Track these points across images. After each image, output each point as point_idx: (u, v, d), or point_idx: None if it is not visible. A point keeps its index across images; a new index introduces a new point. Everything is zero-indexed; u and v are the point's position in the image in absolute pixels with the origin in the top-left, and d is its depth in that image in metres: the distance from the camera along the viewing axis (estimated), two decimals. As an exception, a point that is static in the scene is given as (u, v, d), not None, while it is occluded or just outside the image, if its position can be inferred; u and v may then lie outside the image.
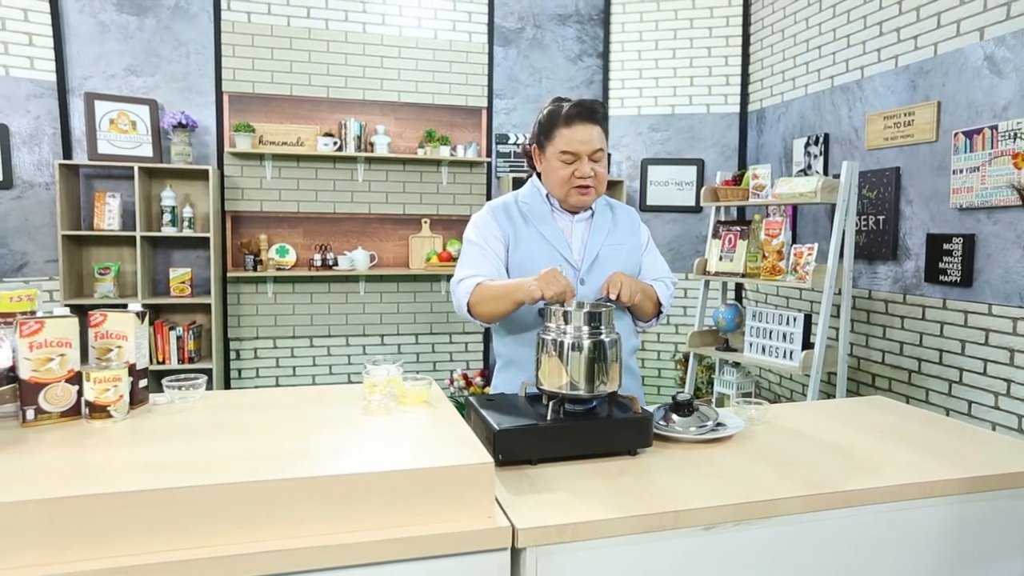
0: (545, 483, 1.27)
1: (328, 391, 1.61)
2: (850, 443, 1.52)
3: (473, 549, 1.08)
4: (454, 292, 1.78)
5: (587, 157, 1.73)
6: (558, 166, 1.75)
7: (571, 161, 1.73)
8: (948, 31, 3.00)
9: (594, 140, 1.73)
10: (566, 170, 1.74)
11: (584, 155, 1.73)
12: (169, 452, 1.14)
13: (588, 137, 1.72)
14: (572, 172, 1.74)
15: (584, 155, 1.73)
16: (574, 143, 1.72)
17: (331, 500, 1.04)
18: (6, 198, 3.83)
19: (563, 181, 1.75)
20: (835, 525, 1.24)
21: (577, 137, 1.72)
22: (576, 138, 1.72)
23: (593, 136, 1.73)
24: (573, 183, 1.74)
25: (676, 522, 1.15)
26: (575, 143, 1.72)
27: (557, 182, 1.76)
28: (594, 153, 1.74)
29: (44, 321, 1.29)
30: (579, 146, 1.72)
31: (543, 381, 1.47)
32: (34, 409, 1.28)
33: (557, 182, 1.76)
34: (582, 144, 1.72)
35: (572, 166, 1.74)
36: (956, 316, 2.98)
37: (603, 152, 1.76)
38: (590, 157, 1.73)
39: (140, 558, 0.96)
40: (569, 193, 1.76)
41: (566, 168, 1.74)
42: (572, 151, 1.72)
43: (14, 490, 0.97)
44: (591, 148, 1.73)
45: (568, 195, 1.77)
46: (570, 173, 1.74)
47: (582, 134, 1.72)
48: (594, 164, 1.74)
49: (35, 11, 3.82)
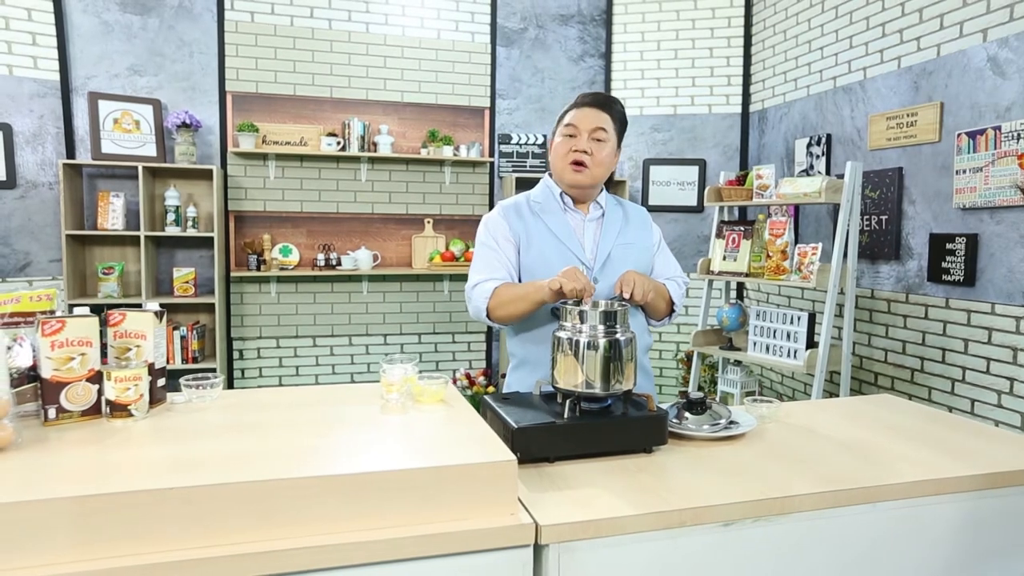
0: (564, 480, 1.28)
1: (343, 390, 1.62)
2: (862, 440, 1.54)
3: (497, 546, 1.09)
4: (470, 297, 1.79)
5: (587, 134, 1.76)
6: (560, 142, 1.80)
7: (571, 135, 1.78)
8: (951, 32, 3.02)
9: (598, 120, 1.78)
10: (565, 145, 1.78)
11: (584, 131, 1.76)
12: (193, 450, 1.15)
13: (592, 116, 1.77)
14: (570, 147, 1.77)
15: (584, 131, 1.76)
16: (577, 119, 1.78)
17: (359, 497, 1.05)
18: (9, 198, 3.83)
19: (561, 155, 1.79)
20: (851, 521, 1.26)
21: (583, 114, 1.78)
22: (580, 115, 1.78)
23: (597, 117, 1.78)
24: (569, 157, 1.77)
25: (696, 519, 1.17)
26: (578, 119, 1.78)
27: (556, 158, 1.81)
28: (594, 131, 1.77)
29: (65, 320, 1.29)
30: (580, 121, 1.77)
31: (559, 380, 1.48)
32: (55, 408, 1.29)
33: (556, 158, 1.81)
34: (584, 120, 1.77)
35: (571, 140, 1.77)
36: (959, 315, 3.00)
37: (605, 134, 1.78)
38: (590, 135, 1.76)
39: (170, 555, 0.97)
40: (564, 169, 1.79)
41: (566, 143, 1.78)
42: (573, 124, 1.77)
43: (43, 488, 0.98)
44: (591, 125, 1.77)
45: (564, 171, 1.79)
46: (568, 147, 1.78)
47: (588, 113, 1.78)
48: (593, 143, 1.77)
49: (39, 10, 3.82)
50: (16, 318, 1.36)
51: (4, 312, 1.35)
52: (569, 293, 1.55)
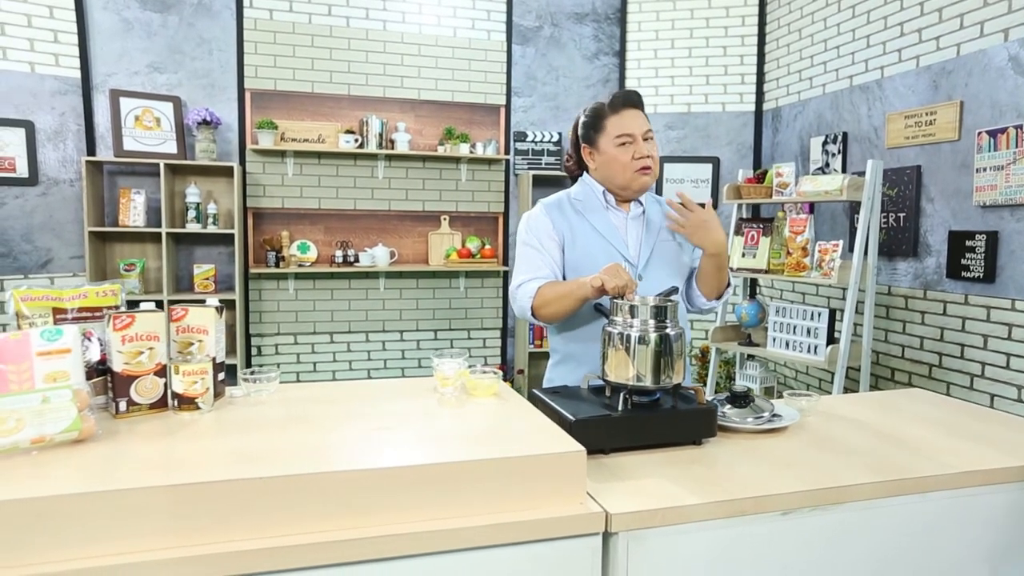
0: (622, 471, 1.32)
1: (393, 384, 1.65)
2: (903, 432, 1.57)
3: (569, 534, 1.12)
4: (514, 297, 1.81)
5: (640, 137, 1.78)
6: (617, 152, 1.78)
7: (628, 142, 1.78)
8: (971, 32, 3.05)
9: (644, 122, 1.80)
10: (626, 153, 1.78)
11: (639, 136, 1.78)
12: (266, 441, 1.18)
13: (637, 118, 1.79)
14: (632, 154, 1.78)
15: (639, 136, 1.78)
16: (628, 126, 1.78)
17: (439, 487, 1.08)
18: (32, 194, 3.85)
19: (625, 165, 1.78)
20: (902, 510, 1.29)
21: (628, 119, 1.78)
22: (627, 121, 1.78)
23: (640, 118, 1.80)
24: (634, 165, 1.78)
25: (757, 507, 1.20)
26: (629, 125, 1.78)
27: (619, 168, 1.79)
28: (646, 133, 1.79)
29: (135, 315, 1.32)
30: (633, 127, 1.78)
31: (609, 373, 1.51)
32: (126, 401, 1.32)
33: (619, 168, 1.79)
34: (634, 124, 1.78)
35: (631, 148, 1.78)
36: (978, 311, 3.04)
37: (652, 134, 1.82)
38: (643, 137, 1.79)
39: (260, 542, 1.00)
40: (633, 178, 1.79)
41: (625, 151, 1.78)
42: (627, 132, 1.77)
43: (135, 477, 1.01)
44: (643, 128, 1.79)
45: (632, 179, 1.79)
46: (630, 155, 1.78)
47: (632, 117, 1.79)
48: (649, 145, 1.80)
49: (60, 8, 3.83)
50: (84, 313, 1.39)
51: (72, 307, 1.38)
52: (612, 290, 1.57)
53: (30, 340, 1.19)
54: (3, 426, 1.06)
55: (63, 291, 1.38)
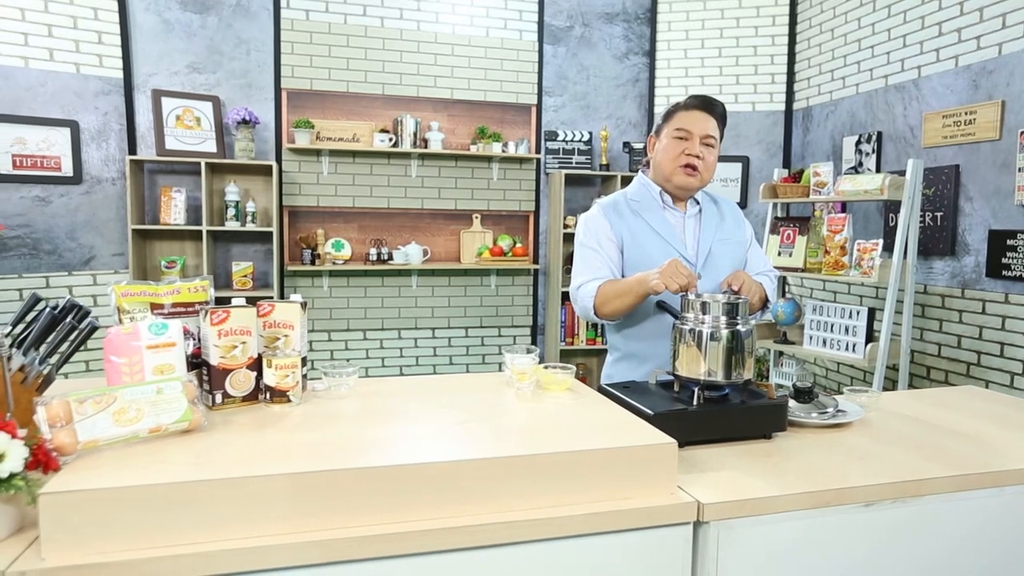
0: (703, 463, 1.35)
1: (461, 379, 1.69)
2: (967, 428, 1.60)
3: (661, 523, 1.16)
4: (575, 299, 1.86)
5: (698, 138, 1.82)
6: (670, 143, 1.84)
7: (683, 138, 1.82)
8: (1014, 31, 3.06)
9: (708, 127, 1.83)
10: (677, 147, 1.83)
11: (696, 135, 1.82)
12: (363, 433, 1.23)
13: (703, 121, 1.82)
14: (682, 150, 1.82)
15: (696, 135, 1.82)
16: (689, 123, 1.83)
17: (540, 477, 1.12)
18: (75, 193, 3.92)
19: (672, 158, 1.83)
20: (980, 504, 1.32)
21: (693, 118, 1.83)
22: (691, 119, 1.83)
23: (708, 123, 1.83)
24: (681, 160, 1.82)
25: (840, 499, 1.24)
26: (690, 123, 1.82)
27: (666, 159, 1.84)
28: (706, 137, 1.83)
29: (230, 310, 1.37)
30: (692, 125, 1.82)
31: (681, 369, 1.55)
32: (221, 393, 1.36)
33: (666, 159, 1.84)
34: (696, 124, 1.81)
35: (683, 144, 1.82)
36: (1019, 310, 3.05)
37: (715, 140, 1.85)
38: (701, 140, 1.82)
39: (372, 528, 1.05)
40: (675, 172, 1.84)
41: (677, 145, 1.83)
42: (685, 128, 1.82)
43: (252, 466, 1.06)
44: (703, 131, 1.82)
45: (674, 173, 1.84)
46: (680, 150, 1.82)
47: (698, 118, 1.83)
48: (704, 148, 1.82)
49: (104, 9, 3.90)
50: (178, 308, 1.44)
51: (168, 302, 1.43)
52: (675, 291, 1.60)
53: (140, 334, 1.24)
54: (124, 416, 1.11)
55: (159, 287, 1.42)
